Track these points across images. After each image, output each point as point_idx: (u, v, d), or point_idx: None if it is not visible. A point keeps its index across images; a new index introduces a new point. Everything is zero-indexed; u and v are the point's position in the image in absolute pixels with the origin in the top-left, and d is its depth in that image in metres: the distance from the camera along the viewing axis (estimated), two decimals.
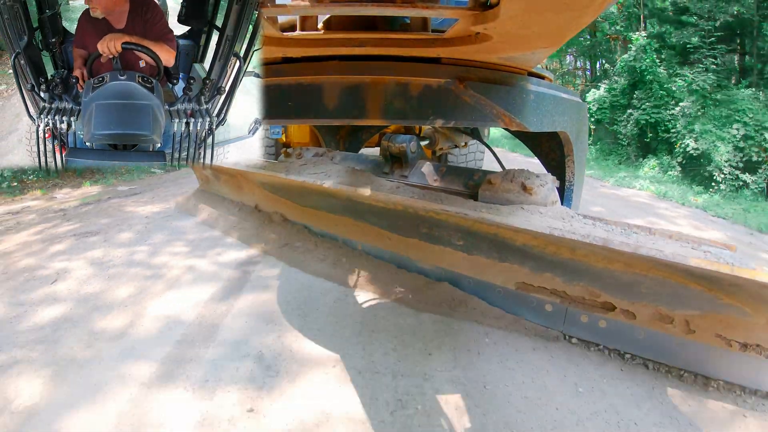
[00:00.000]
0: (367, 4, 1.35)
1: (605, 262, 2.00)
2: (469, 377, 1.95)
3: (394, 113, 1.90)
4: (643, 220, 5.35)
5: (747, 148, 7.28)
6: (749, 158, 7.21)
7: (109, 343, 2.23)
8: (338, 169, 2.96)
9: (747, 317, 1.77)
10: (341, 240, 3.08)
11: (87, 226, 4.19)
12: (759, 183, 7.01)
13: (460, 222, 2.37)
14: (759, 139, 7.17)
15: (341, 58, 1.83)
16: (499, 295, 2.36)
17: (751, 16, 10.21)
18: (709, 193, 7.27)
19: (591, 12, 1.24)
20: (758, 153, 7.11)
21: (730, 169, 7.32)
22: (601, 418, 1.73)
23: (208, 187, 4.44)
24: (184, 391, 1.88)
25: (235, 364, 2.05)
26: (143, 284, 2.88)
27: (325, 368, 2.02)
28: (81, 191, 6.06)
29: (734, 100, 8.29)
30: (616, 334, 2.06)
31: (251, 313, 2.50)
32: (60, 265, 3.22)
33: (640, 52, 10.18)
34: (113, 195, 5.66)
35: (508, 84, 1.92)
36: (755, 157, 7.15)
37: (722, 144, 7.52)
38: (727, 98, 8.57)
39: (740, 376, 1.83)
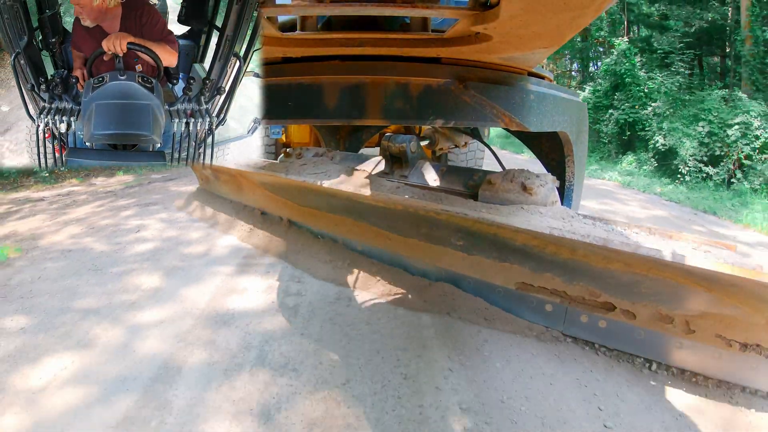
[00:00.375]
0: (366, 4, 1.35)
1: (605, 262, 2.00)
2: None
3: (394, 113, 1.90)
4: (598, 201, 6.24)
5: (711, 144, 8.14)
6: (713, 153, 8.10)
7: (197, 259, 3.31)
8: (338, 169, 2.96)
9: (747, 317, 1.77)
10: (341, 240, 3.08)
11: (144, 200, 5.18)
12: (721, 174, 7.86)
13: (460, 222, 2.37)
14: (722, 135, 7.99)
15: (341, 58, 1.83)
16: (499, 295, 2.36)
17: (725, 23, 11.31)
18: (675, 184, 8.13)
19: (591, 12, 1.24)
20: (721, 148, 7.98)
21: (694, 163, 8.26)
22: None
23: (208, 186, 4.44)
24: (255, 276, 3.00)
25: (282, 263, 3.12)
26: (207, 231, 3.90)
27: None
28: (116, 179, 6.98)
29: (702, 100, 9.15)
30: (616, 334, 2.06)
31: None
32: (136, 222, 4.25)
33: (620, 57, 11.01)
34: (152, 180, 6.63)
35: (508, 84, 1.92)
36: (718, 151, 8.03)
37: (688, 140, 8.43)
38: (694, 99, 9.50)
39: (740, 376, 1.83)
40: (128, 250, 3.53)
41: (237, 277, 2.98)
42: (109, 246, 3.61)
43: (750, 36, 9.84)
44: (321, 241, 3.19)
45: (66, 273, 3.07)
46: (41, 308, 2.58)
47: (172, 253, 3.42)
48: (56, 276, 3.02)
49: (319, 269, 2.94)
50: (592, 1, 1.14)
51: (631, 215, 5.56)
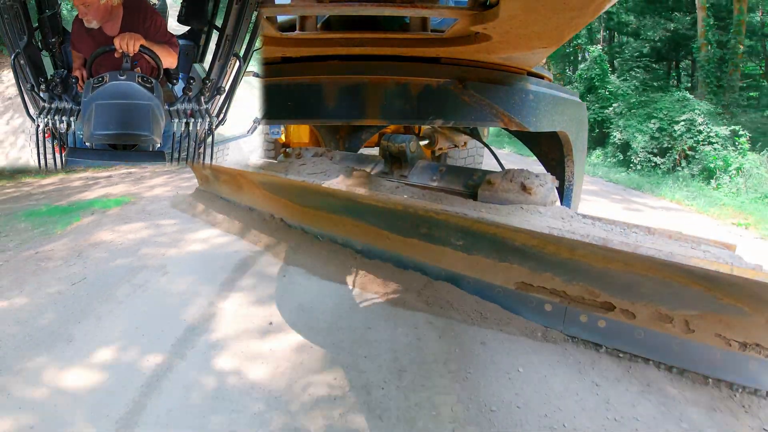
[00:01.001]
0: (366, 4, 1.35)
1: (605, 262, 2.00)
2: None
3: (393, 113, 1.90)
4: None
5: (661, 138, 9.66)
6: (662, 145, 9.61)
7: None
8: (338, 169, 2.96)
9: (747, 317, 1.77)
10: (341, 240, 3.08)
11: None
12: (667, 164, 9.41)
13: (459, 222, 2.37)
14: (670, 130, 9.53)
15: (341, 58, 1.83)
16: (498, 294, 2.36)
17: (687, 32, 13.07)
18: (628, 172, 9.69)
19: (590, 12, 1.24)
20: (668, 141, 9.50)
21: (644, 154, 9.82)
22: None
23: (207, 186, 4.44)
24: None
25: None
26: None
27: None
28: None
29: (655, 100, 10.80)
30: (616, 333, 2.06)
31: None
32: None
33: (593, 63, 12.44)
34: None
35: (507, 84, 1.92)
36: (666, 144, 9.54)
37: (640, 135, 10.00)
38: (648, 99, 11.13)
39: (740, 375, 1.83)
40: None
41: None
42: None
43: (705, 44, 11.29)
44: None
45: (167, 206, 4.69)
46: (174, 215, 4.32)
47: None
48: (167, 206, 4.70)
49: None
50: (591, 0, 1.14)
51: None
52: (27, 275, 3.03)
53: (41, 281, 2.92)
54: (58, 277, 2.98)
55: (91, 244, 3.62)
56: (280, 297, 2.68)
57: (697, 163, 8.80)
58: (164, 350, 2.17)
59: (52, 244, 3.65)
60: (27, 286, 2.85)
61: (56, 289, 2.81)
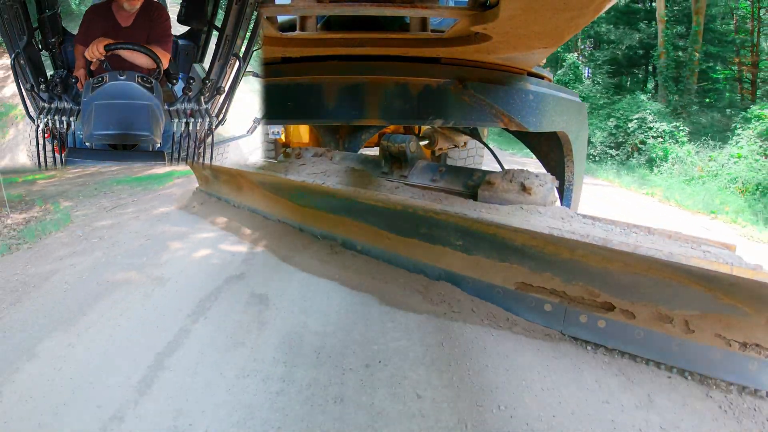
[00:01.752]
0: (366, 4, 1.35)
1: (604, 262, 2.00)
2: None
3: (393, 113, 1.90)
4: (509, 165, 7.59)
5: (617, 134, 11.71)
6: (617, 140, 11.63)
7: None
8: (338, 169, 2.96)
9: (747, 317, 1.77)
10: (340, 240, 3.08)
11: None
12: (621, 156, 11.40)
13: (459, 222, 2.37)
14: (625, 127, 11.49)
15: (341, 58, 1.83)
16: (498, 294, 2.36)
17: (652, 41, 14.64)
18: (588, 163, 10.60)
19: (590, 12, 1.24)
20: (623, 136, 11.46)
21: (601, 147, 11.87)
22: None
23: (207, 187, 4.44)
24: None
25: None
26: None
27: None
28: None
29: (614, 102, 12.91)
30: (616, 333, 2.06)
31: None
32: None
33: (568, 69, 14.17)
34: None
35: (507, 84, 1.92)
36: (621, 138, 11.54)
37: (599, 131, 11.99)
38: (609, 102, 13.40)
39: (740, 375, 1.83)
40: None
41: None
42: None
43: (663, 52, 12.96)
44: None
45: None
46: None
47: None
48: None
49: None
50: (591, 0, 1.14)
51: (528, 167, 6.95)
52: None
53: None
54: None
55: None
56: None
57: (645, 154, 10.77)
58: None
59: (167, 190, 4.79)
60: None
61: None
